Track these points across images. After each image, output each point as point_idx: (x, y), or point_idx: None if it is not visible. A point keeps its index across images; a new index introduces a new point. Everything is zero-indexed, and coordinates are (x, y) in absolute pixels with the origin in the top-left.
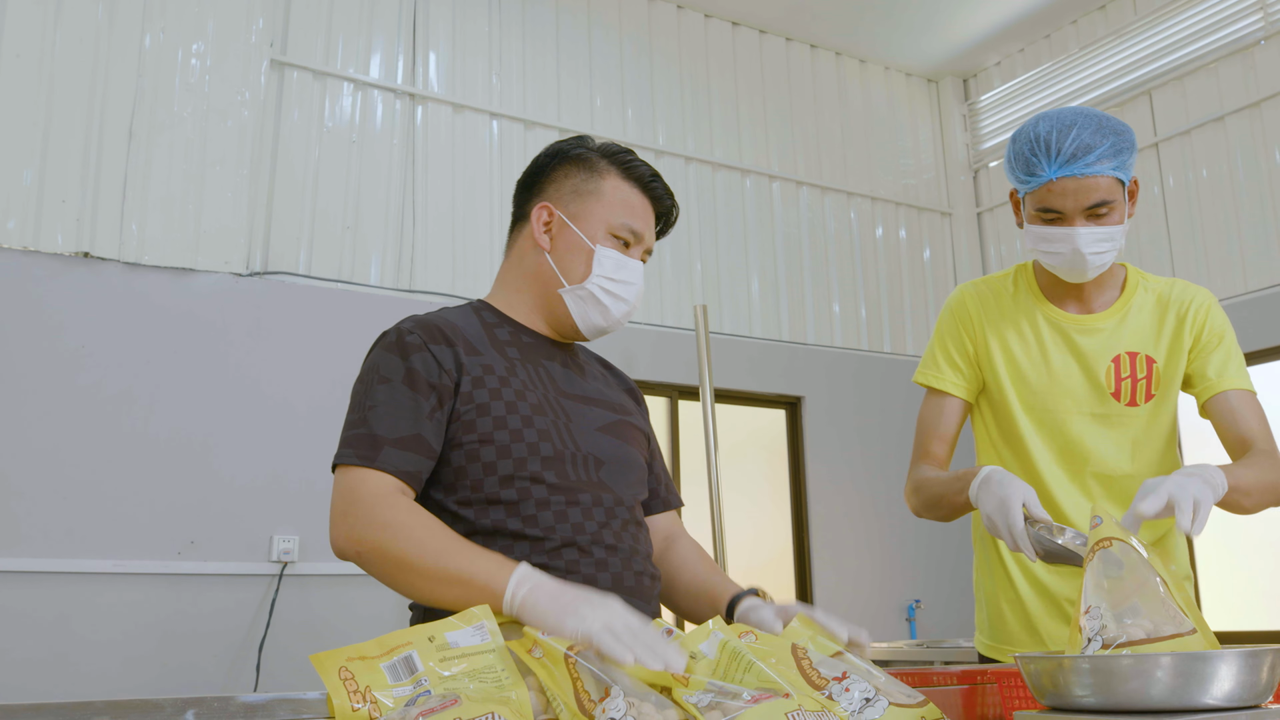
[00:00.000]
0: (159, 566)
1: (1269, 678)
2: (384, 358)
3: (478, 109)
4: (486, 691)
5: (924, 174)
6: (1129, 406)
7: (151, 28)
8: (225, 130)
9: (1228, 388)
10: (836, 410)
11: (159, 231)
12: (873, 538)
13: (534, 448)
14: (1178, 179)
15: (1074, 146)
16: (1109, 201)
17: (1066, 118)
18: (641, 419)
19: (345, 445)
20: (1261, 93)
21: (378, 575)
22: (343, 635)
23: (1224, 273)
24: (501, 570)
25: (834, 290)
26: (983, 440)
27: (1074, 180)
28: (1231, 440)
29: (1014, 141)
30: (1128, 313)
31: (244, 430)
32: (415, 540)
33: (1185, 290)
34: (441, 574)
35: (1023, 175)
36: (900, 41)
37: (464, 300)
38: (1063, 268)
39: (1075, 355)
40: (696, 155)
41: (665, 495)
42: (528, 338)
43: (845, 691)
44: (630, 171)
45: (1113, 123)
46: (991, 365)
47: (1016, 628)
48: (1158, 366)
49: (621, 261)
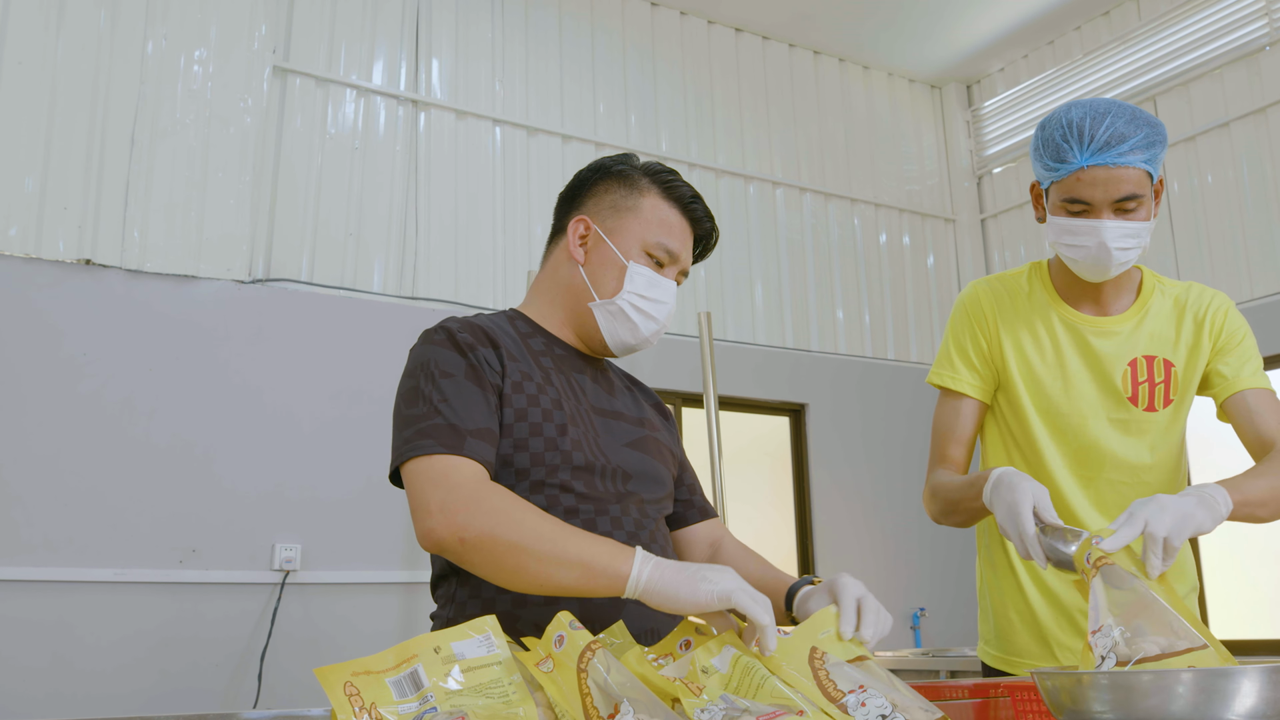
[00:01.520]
0: (160, 575)
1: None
2: (440, 353)
3: (480, 115)
4: (494, 709)
5: (928, 180)
6: (1147, 412)
7: (154, 34)
8: (228, 137)
9: (1245, 387)
10: (840, 417)
11: (161, 238)
12: (877, 545)
13: (567, 456)
14: (1183, 185)
15: (1108, 134)
16: (1138, 195)
17: (1100, 106)
18: (668, 434)
19: (423, 436)
20: (1267, 98)
21: (481, 563)
22: (344, 645)
23: (1229, 279)
24: (621, 552)
25: (837, 297)
26: (993, 440)
27: (1105, 170)
28: (1251, 439)
29: (1043, 128)
30: (1145, 315)
31: (246, 438)
32: (529, 525)
33: (1203, 294)
34: (560, 558)
35: (1051, 163)
36: (904, 48)
37: (467, 308)
38: (1086, 262)
39: (1091, 359)
40: (700, 161)
41: (702, 505)
42: (560, 349)
43: (861, 706)
44: (671, 191)
45: (1146, 115)
46: (1005, 366)
47: (1026, 639)
48: (1176, 370)
49: (654, 280)
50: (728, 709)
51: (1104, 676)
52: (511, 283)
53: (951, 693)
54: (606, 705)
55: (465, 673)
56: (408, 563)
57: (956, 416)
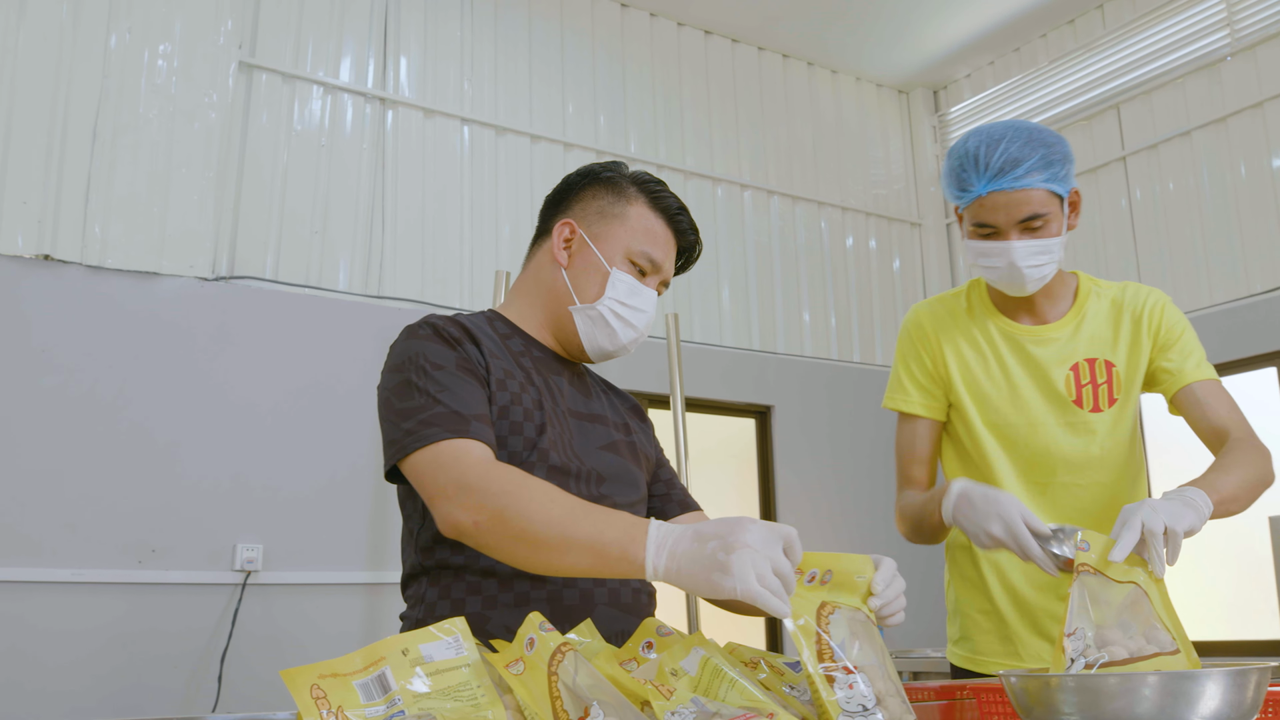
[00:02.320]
0: (119, 575)
1: (1254, 696)
2: (429, 347)
3: (449, 114)
4: (462, 712)
5: (894, 184)
6: (1093, 413)
7: (117, 27)
8: (192, 132)
9: (1192, 380)
10: (806, 419)
11: (123, 234)
12: (842, 546)
13: (544, 455)
14: (1145, 192)
15: (1002, 160)
16: (1042, 214)
17: (996, 131)
18: (644, 437)
19: (427, 426)
20: (1228, 108)
21: (495, 547)
22: (307, 646)
23: (1190, 285)
24: (633, 533)
25: (804, 299)
26: (950, 458)
27: (1004, 194)
28: (1205, 431)
29: (948, 157)
30: (1082, 319)
31: (208, 437)
32: (537, 507)
33: (1139, 292)
34: (571, 544)
35: (956, 191)
36: (871, 53)
37: (433, 307)
38: (1002, 281)
39: (1032, 367)
40: (668, 163)
41: (681, 498)
42: (538, 351)
43: (848, 688)
44: (657, 201)
45: (1043, 134)
46: (952, 383)
47: (992, 640)
48: (1118, 370)
49: (635, 288)
50: (698, 712)
51: (1070, 679)
52: (479, 282)
53: (918, 695)
54: (576, 708)
55: (433, 675)
56: (372, 563)
57: (914, 438)
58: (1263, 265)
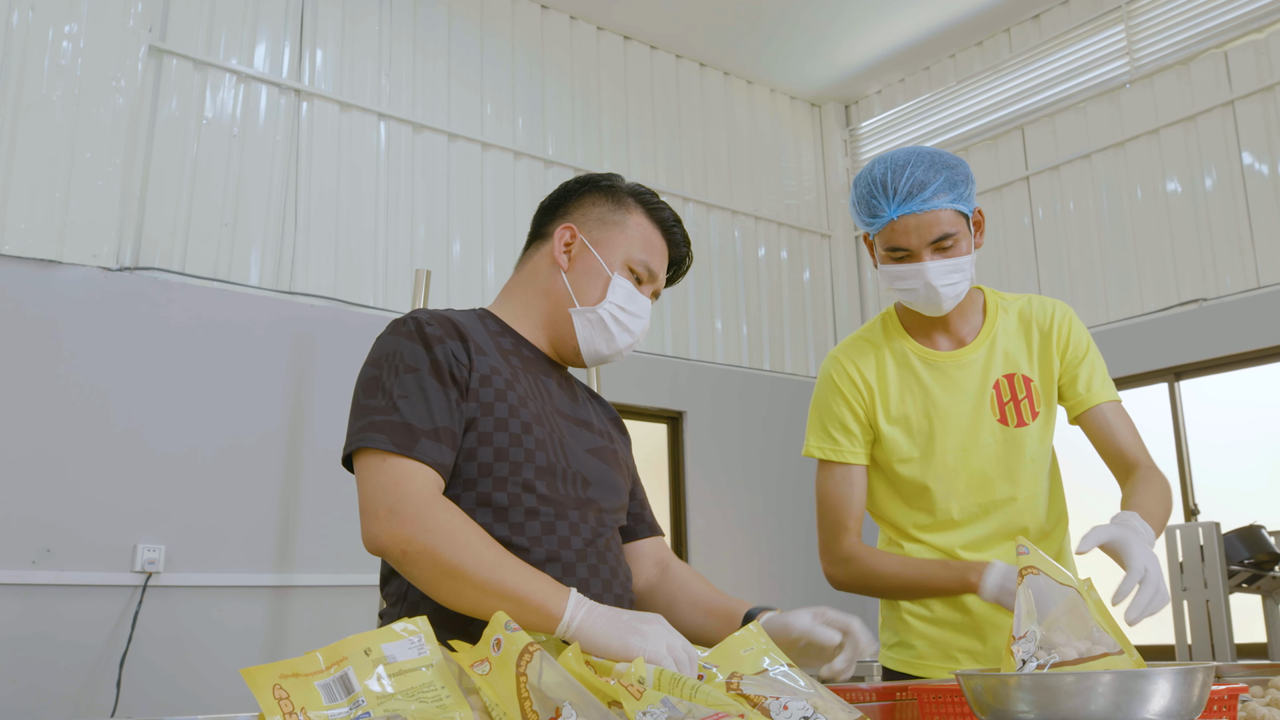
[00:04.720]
0: (12, 576)
1: (1200, 694)
2: (406, 346)
3: (365, 109)
4: (429, 713)
5: (806, 195)
6: (1019, 428)
7: (20, 4)
8: (98, 116)
9: (1100, 401)
10: (718, 425)
11: (22, 220)
12: (751, 551)
13: (530, 454)
14: (1047, 211)
15: (909, 184)
16: (952, 234)
17: (900, 158)
18: (624, 449)
19: (375, 430)
20: (1126, 133)
21: (420, 578)
22: (211, 650)
23: (1088, 301)
24: (557, 593)
25: (717, 307)
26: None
27: (914, 217)
28: (1112, 453)
29: (855, 186)
30: (995, 337)
31: (108, 435)
32: (471, 550)
33: (1043, 305)
34: (495, 588)
35: (866, 218)
36: (785, 65)
37: (346, 305)
38: (919, 303)
39: (956, 391)
40: (585, 166)
41: (651, 521)
42: (528, 351)
43: (784, 710)
44: (654, 213)
45: (945, 158)
46: (877, 421)
47: (926, 645)
48: (1034, 384)
49: (634, 294)
50: (670, 713)
51: (1028, 678)
52: (394, 280)
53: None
54: (546, 708)
55: (395, 676)
56: (279, 565)
57: (849, 486)
58: (1156, 285)
